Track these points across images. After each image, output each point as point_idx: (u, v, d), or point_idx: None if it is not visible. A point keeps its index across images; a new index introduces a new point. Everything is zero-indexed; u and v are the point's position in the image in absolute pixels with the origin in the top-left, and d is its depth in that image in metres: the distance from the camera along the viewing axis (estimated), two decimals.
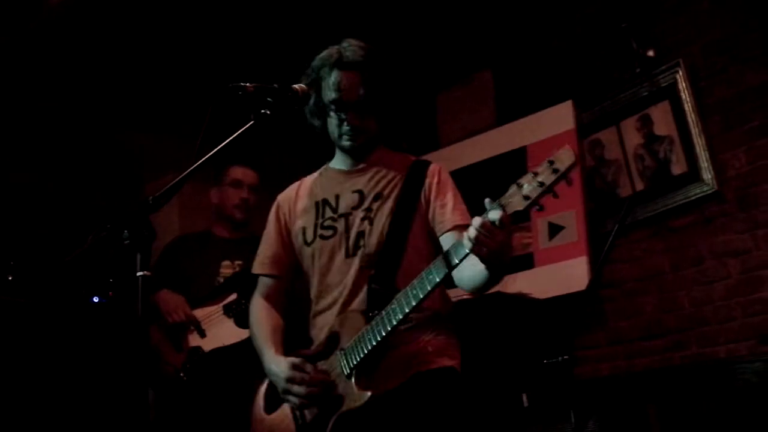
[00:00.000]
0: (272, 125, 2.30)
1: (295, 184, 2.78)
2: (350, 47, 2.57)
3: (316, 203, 2.64)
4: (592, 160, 4.69)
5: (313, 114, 2.64)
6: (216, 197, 4.10)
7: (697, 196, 4.22)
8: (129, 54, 4.91)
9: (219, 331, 3.79)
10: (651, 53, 4.45)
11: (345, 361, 2.37)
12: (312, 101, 2.59)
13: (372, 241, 2.48)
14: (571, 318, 4.39)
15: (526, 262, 4.75)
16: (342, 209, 2.58)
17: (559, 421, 3.77)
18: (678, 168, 4.32)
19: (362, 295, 2.44)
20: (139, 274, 2.09)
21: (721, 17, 4.23)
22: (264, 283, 2.75)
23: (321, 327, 2.55)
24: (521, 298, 4.48)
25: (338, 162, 2.70)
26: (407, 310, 2.24)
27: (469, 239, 2.05)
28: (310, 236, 2.60)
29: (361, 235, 2.51)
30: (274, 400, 2.58)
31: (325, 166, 2.76)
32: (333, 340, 2.45)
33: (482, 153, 5.13)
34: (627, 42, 4.51)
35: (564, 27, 4.94)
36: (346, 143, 2.59)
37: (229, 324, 3.80)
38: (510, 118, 5.10)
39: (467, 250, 2.10)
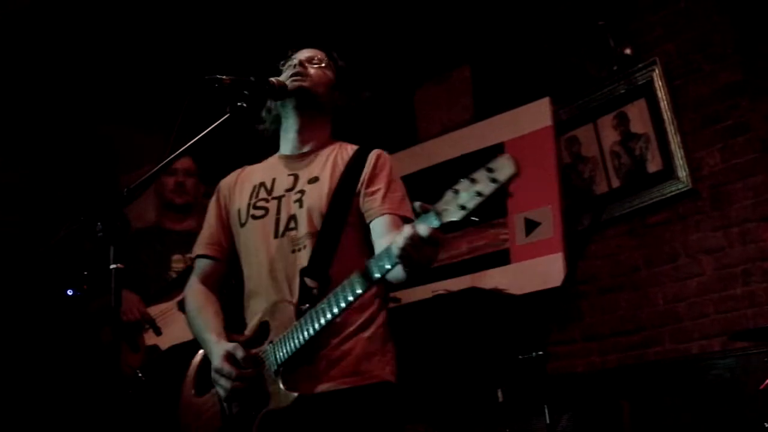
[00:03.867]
0: (247, 119, 2.29)
1: (238, 170, 2.73)
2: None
3: (254, 186, 2.59)
4: (569, 156, 4.71)
5: (270, 111, 2.64)
6: (154, 187, 4.03)
7: (672, 193, 4.25)
8: (106, 45, 4.88)
9: (175, 328, 3.67)
10: (628, 51, 4.47)
11: (273, 357, 2.31)
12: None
13: (302, 225, 2.43)
14: (546, 314, 4.41)
15: (503, 257, 4.76)
16: (276, 192, 2.53)
17: (534, 417, 3.78)
18: (653, 165, 4.35)
19: (294, 286, 2.38)
20: (112, 266, 2.08)
21: (696, 16, 4.26)
22: (202, 264, 2.65)
23: (254, 312, 2.48)
24: (497, 294, 4.49)
25: (283, 147, 2.65)
26: (335, 312, 2.18)
27: (398, 248, 1.98)
28: (243, 217, 2.55)
29: (292, 218, 2.45)
30: (205, 382, 2.50)
31: (273, 155, 2.72)
32: (263, 329, 2.39)
33: (460, 149, 5.13)
34: (604, 40, 4.53)
35: (542, 24, 4.95)
36: (293, 83, 2.52)
37: (185, 320, 3.73)
38: (487, 114, 5.10)
39: (389, 265, 2.06)
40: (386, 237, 2.33)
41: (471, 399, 4.16)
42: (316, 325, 2.20)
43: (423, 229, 1.92)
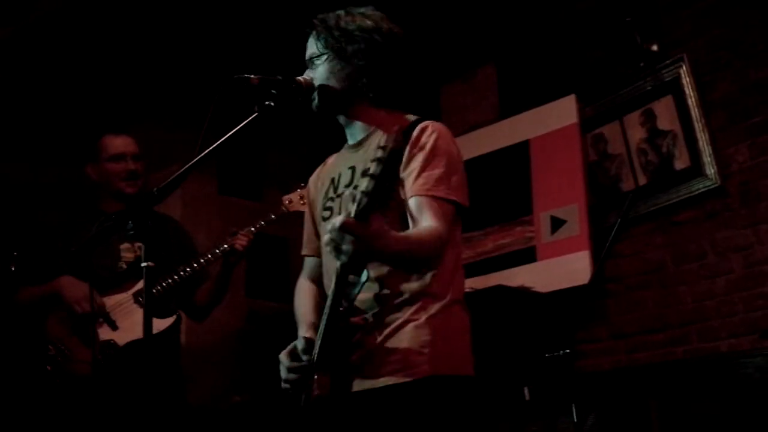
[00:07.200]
0: (275, 117, 2.29)
1: (322, 164, 2.68)
2: None
3: (329, 181, 2.53)
4: (594, 154, 4.68)
5: None
6: (95, 174, 3.71)
7: (700, 191, 4.22)
8: (132, 45, 4.92)
9: (132, 322, 3.42)
10: (655, 47, 4.44)
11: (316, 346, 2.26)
12: None
13: None
14: (572, 312, 4.40)
15: (529, 255, 4.76)
16: (339, 189, 2.46)
17: (561, 415, 3.77)
18: (681, 163, 4.32)
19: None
20: (143, 264, 2.09)
21: (725, 12, 4.22)
22: (306, 263, 2.64)
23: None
24: (523, 292, 4.48)
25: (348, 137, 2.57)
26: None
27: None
28: (318, 217, 2.52)
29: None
30: None
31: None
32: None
33: (485, 146, 5.13)
34: (631, 36, 4.50)
35: (567, 21, 4.93)
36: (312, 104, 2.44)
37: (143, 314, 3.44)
38: (513, 111, 5.10)
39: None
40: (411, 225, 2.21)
41: (497, 397, 4.15)
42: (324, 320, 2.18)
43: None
